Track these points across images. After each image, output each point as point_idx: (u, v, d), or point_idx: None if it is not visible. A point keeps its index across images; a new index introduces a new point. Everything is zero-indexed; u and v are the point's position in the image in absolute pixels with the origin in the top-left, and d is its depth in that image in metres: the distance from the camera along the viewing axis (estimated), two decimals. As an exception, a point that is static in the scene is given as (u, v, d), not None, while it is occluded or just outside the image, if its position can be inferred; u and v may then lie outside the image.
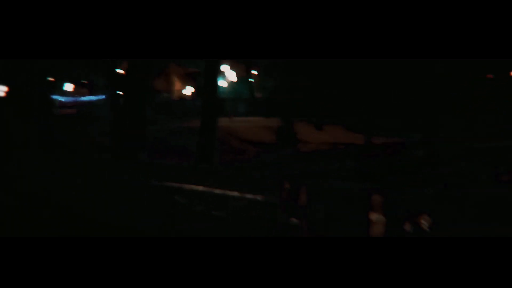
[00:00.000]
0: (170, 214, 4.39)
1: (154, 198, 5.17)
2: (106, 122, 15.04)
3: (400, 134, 16.33)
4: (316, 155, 13.32)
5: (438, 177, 6.47)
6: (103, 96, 28.02)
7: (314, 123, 22.62)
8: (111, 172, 7.29)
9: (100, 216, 4.22)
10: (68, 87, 32.25)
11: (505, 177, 6.04)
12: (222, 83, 27.84)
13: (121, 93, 13.87)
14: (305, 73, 24.45)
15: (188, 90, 35.98)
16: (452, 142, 10.74)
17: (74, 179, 6.36)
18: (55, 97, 22.65)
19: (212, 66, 13.02)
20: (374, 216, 3.70)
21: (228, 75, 33.51)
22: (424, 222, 3.72)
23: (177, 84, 36.44)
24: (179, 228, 3.84)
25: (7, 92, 17.33)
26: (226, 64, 30.64)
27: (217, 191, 5.42)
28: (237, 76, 33.59)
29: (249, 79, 34.27)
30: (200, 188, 5.66)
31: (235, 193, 5.17)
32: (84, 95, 32.06)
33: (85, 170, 7.70)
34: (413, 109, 17.39)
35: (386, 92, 18.26)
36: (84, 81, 32.41)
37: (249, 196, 5.08)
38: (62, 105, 27.41)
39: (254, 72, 34.59)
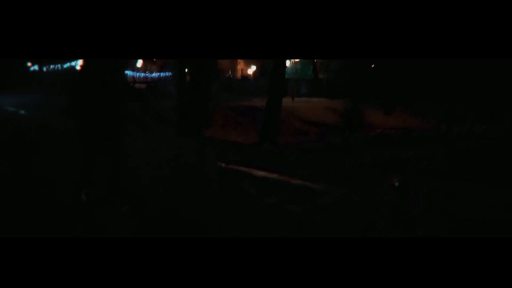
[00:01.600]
0: (237, 206, 3.88)
1: (219, 183, 4.70)
2: (173, 98, 15.31)
3: (482, 125, 14.91)
4: (385, 141, 12.45)
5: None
6: (171, 73, 28.73)
7: (383, 108, 21.49)
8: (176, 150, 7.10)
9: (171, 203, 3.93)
10: (140, 63, 33.33)
11: None
12: (285, 63, 27.33)
13: (186, 70, 13.98)
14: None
15: (251, 70, 35.83)
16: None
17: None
18: (128, 72, 23.39)
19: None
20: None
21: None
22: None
23: (240, 64, 36.40)
24: (245, 225, 3.37)
25: (81, 66, 18.07)
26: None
27: (295, 181, 4.73)
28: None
29: (313, 60, 33.42)
30: (275, 176, 4.95)
31: (318, 186, 4.51)
32: (154, 72, 33.03)
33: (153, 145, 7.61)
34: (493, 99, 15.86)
35: (463, 79, 16.74)
36: (154, 59, 33.34)
37: (339, 190, 4.36)
38: (134, 80, 28.42)
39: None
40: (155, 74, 32.76)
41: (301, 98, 27.45)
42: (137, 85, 27.68)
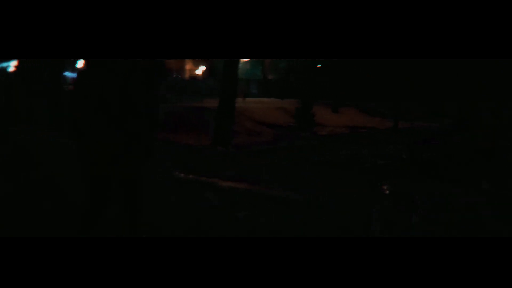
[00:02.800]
0: (201, 218, 3.55)
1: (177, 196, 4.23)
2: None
3: (430, 120, 15.59)
4: (337, 140, 12.62)
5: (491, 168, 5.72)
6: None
7: (331, 106, 21.93)
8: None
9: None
10: (81, 63, 31.69)
11: None
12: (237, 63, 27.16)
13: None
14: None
15: (200, 70, 35.28)
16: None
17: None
18: (66, 73, 22.03)
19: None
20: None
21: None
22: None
23: (188, 63, 35.74)
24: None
25: (16, 67, 16.83)
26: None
27: (262, 190, 4.19)
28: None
29: (261, 60, 33.55)
30: (243, 186, 4.38)
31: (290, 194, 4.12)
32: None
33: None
34: (441, 95, 16.71)
35: (410, 76, 17.48)
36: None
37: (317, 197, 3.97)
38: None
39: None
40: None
41: (252, 99, 27.43)
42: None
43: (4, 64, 27.49)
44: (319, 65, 26.98)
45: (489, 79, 16.99)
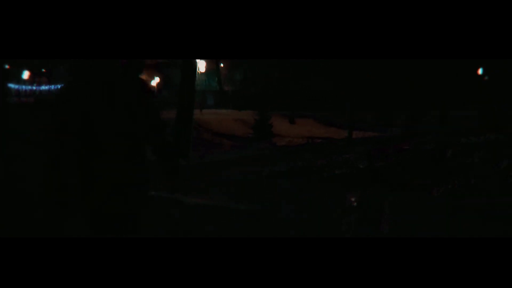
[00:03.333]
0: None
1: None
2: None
3: (382, 128, 16.22)
4: (295, 150, 12.85)
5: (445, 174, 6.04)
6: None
7: (288, 117, 22.30)
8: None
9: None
10: (26, 75, 30.21)
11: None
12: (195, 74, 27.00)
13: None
14: (275, 66, 24.09)
15: (155, 81, 34.74)
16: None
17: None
18: (11, 85, 20.98)
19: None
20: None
21: (197, 67, 32.60)
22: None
23: (143, 75, 35.11)
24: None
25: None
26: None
27: (226, 204, 4.18)
28: (205, 68, 32.73)
29: (218, 71, 33.55)
30: (206, 201, 4.34)
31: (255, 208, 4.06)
32: (42, 84, 30.14)
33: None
34: (392, 103, 17.47)
35: (363, 85, 18.17)
36: (43, 70, 30.49)
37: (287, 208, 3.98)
38: (19, 93, 25.65)
39: (222, 65, 33.93)
40: (44, 87, 29.94)
41: (209, 110, 27.34)
42: (23, 99, 25.07)
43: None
44: (276, 76, 27.46)
45: (435, 88, 18.03)
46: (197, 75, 34.28)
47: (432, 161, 6.62)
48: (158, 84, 34.24)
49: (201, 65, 32.18)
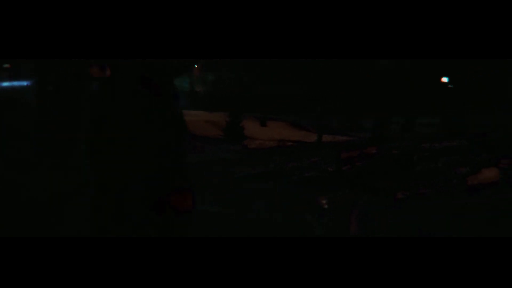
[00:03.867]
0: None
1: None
2: (31, 110, 13.59)
3: (350, 133, 16.58)
4: (266, 153, 12.96)
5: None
6: (27, 83, 25.63)
7: (259, 119, 22.41)
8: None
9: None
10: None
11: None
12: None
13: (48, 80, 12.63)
14: (247, 67, 24.20)
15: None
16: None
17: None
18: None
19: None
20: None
21: (168, 67, 32.19)
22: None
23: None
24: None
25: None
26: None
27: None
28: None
29: (189, 72, 33.31)
30: None
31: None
32: (4, 80, 28.95)
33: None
34: (363, 107, 17.88)
35: (334, 89, 18.53)
36: (6, 65, 29.28)
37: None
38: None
39: (194, 65, 33.73)
40: (6, 83, 28.74)
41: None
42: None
43: None
44: (248, 79, 27.52)
45: (401, 94, 18.59)
46: (168, 76, 33.20)
47: (397, 165, 6.87)
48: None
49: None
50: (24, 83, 28.42)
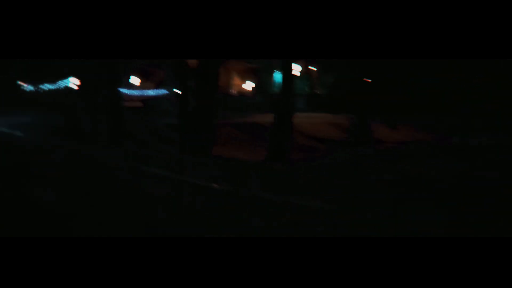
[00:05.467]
0: None
1: None
2: (173, 116, 14.87)
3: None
4: (401, 156, 12.00)
5: None
6: (166, 91, 28.28)
7: (387, 122, 21.15)
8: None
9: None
10: (134, 80, 32.60)
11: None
12: (279, 78, 27.14)
13: (183, 88, 13.66)
14: (366, 69, 23.04)
15: (248, 86, 35.51)
16: None
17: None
18: (122, 90, 22.74)
19: (289, 61, 12.43)
20: None
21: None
22: None
23: (236, 80, 36.09)
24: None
25: (79, 86, 17.55)
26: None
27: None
28: (296, 71, 32.64)
29: (308, 75, 33.28)
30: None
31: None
32: (149, 89, 32.32)
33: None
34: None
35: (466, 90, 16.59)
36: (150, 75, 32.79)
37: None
38: (129, 98, 27.75)
39: (313, 68, 33.60)
40: (151, 92, 32.18)
41: (300, 113, 27.09)
42: (134, 103, 27.22)
43: (64, 82, 28.95)
44: (369, 80, 26.28)
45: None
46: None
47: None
48: (253, 88, 34.94)
49: (296, 69, 32.16)
50: (164, 91, 31.42)
